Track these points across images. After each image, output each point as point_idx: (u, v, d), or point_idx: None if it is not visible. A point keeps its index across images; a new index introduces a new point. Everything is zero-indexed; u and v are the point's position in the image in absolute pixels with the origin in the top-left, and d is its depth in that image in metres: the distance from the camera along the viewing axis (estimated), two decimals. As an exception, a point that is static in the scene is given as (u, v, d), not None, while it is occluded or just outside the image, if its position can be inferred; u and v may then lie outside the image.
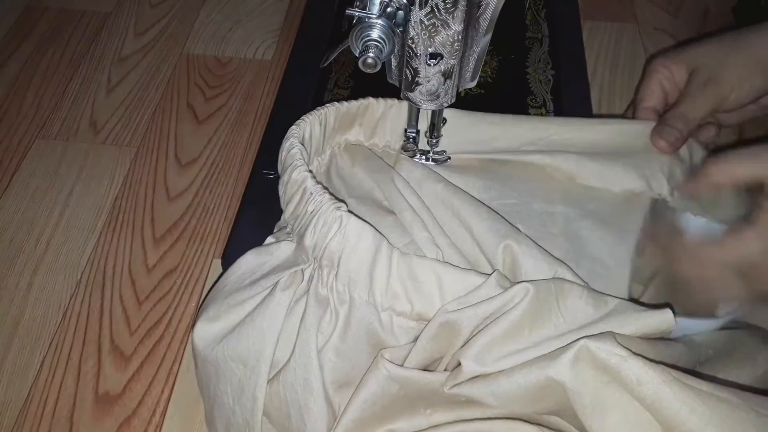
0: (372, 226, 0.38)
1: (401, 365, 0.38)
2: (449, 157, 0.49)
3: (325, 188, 0.40)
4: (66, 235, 0.60)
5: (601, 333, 0.35)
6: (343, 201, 0.40)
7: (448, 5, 0.37)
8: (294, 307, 0.39)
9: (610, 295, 0.37)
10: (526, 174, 0.48)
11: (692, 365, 0.40)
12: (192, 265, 0.58)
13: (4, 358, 0.52)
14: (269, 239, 0.45)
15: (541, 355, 0.35)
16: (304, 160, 0.41)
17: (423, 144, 0.49)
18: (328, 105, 0.46)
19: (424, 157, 0.49)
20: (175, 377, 0.51)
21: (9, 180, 0.64)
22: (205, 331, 0.42)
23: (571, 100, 0.63)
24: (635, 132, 0.49)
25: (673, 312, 0.36)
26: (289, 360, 0.39)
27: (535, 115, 0.61)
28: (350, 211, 0.38)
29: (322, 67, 0.59)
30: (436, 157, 0.49)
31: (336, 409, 0.39)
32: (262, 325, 0.40)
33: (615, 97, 0.72)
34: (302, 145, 0.43)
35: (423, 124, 0.48)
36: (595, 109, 0.68)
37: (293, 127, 0.44)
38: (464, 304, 0.37)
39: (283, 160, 0.42)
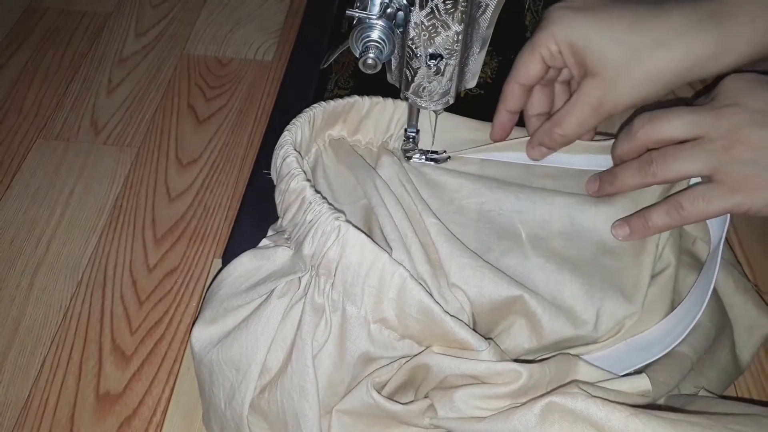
0: (370, 237, 0.38)
1: (385, 385, 0.39)
2: (449, 157, 0.49)
3: (324, 198, 0.40)
4: (67, 236, 0.60)
5: (567, 384, 0.36)
6: (331, 204, 0.40)
7: (448, 6, 0.37)
8: (289, 312, 0.39)
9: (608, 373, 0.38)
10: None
11: (689, 368, 0.41)
12: (193, 265, 0.58)
13: (5, 358, 0.52)
14: (265, 241, 0.45)
15: (510, 407, 0.36)
16: (300, 167, 0.41)
17: (423, 144, 0.49)
18: (315, 105, 0.46)
19: (423, 156, 0.49)
20: (176, 377, 0.51)
21: (10, 180, 0.64)
22: (201, 334, 0.43)
23: (571, 101, 0.63)
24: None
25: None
26: (285, 367, 0.39)
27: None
28: (348, 221, 0.38)
29: (323, 67, 0.59)
30: (436, 156, 0.49)
31: (326, 415, 0.40)
32: (256, 331, 0.40)
33: (615, 97, 0.72)
34: (296, 150, 0.43)
35: (423, 124, 0.48)
36: (594, 110, 0.68)
37: (285, 133, 0.44)
38: (448, 351, 0.38)
39: (279, 168, 0.42)
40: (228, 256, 0.51)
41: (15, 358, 0.52)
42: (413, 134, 0.48)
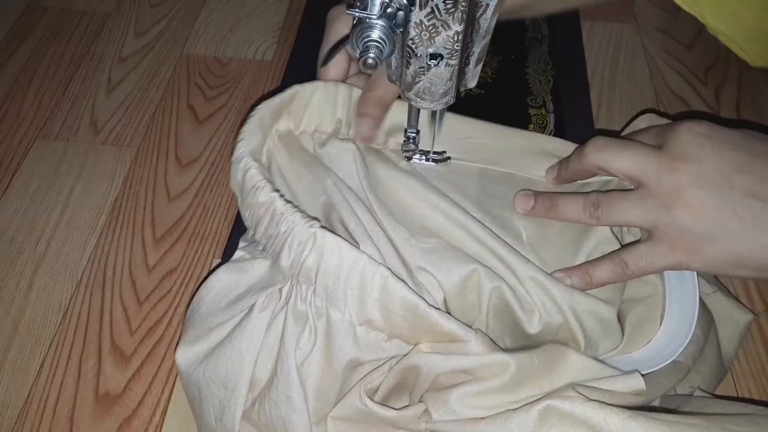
0: (347, 240, 0.37)
1: (377, 390, 0.38)
2: (449, 157, 0.49)
3: (296, 207, 0.39)
4: (66, 235, 0.60)
5: (563, 387, 0.36)
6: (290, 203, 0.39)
7: (449, 6, 0.37)
8: (272, 324, 0.39)
9: (594, 358, 0.38)
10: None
11: (686, 372, 0.40)
12: (192, 265, 0.58)
13: (4, 358, 0.52)
14: (239, 253, 0.44)
15: (507, 410, 0.36)
16: (264, 177, 0.40)
17: (423, 144, 0.49)
18: (261, 105, 0.45)
19: (424, 157, 0.49)
20: (175, 377, 0.51)
21: (9, 180, 0.64)
22: (186, 354, 0.43)
23: (571, 100, 0.63)
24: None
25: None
26: (271, 378, 0.39)
27: (534, 115, 0.61)
28: (324, 227, 0.38)
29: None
30: (436, 157, 0.49)
31: (320, 422, 0.40)
32: (240, 346, 0.40)
33: (615, 97, 0.72)
34: (255, 159, 0.42)
35: (423, 125, 0.48)
36: (594, 109, 0.68)
37: (239, 143, 0.42)
38: (439, 350, 0.37)
39: (242, 182, 0.41)
40: (227, 256, 0.51)
41: (14, 358, 0.52)
42: (413, 134, 0.47)
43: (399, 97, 0.47)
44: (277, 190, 0.40)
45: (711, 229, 0.38)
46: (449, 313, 0.40)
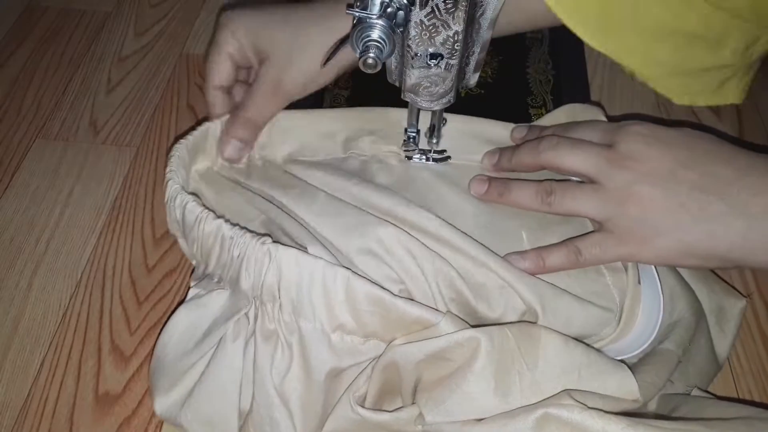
0: (304, 251, 0.37)
1: (366, 396, 0.38)
2: (449, 157, 0.49)
3: (243, 228, 0.39)
4: (66, 235, 0.60)
5: (558, 394, 0.35)
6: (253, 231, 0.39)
7: (449, 5, 0.37)
8: (247, 351, 0.39)
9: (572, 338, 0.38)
10: None
11: (676, 364, 0.41)
12: (192, 266, 0.58)
13: (4, 358, 0.52)
14: (194, 291, 0.44)
15: (504, 413, 0.35)
16: (205, 208, 0.40)
17: (423, 144, 0.49)
18: (178, 144, 0.46)
19: (424, 156, 0.49)
20: (175, 377, 0.51)
21: (9, 180, 0.64)
22: (165, 402, 0.42)
23: (571, 100, 0.63)
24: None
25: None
26: (251, 403, 0.39)
27: (534, 115, 0.61)
28: (277, 241, 0.37)
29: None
30: (436, 156, 0.49)
31: None
32: (221, 380, 0.40)
33: (615, 97, 0.72)
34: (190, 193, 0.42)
35: (423, 125, 0.48)
36: (595, 109, 0.68)
37: (169, 182, 0.43)
38: (411, 339, 0.37)
39: (183, 218, 0.41)
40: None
41: (14, 358, 0.52)
42: (413, 134, 0.47)
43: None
44: (221, 218, 0.40)
45: (660, 221, 0.40)
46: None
